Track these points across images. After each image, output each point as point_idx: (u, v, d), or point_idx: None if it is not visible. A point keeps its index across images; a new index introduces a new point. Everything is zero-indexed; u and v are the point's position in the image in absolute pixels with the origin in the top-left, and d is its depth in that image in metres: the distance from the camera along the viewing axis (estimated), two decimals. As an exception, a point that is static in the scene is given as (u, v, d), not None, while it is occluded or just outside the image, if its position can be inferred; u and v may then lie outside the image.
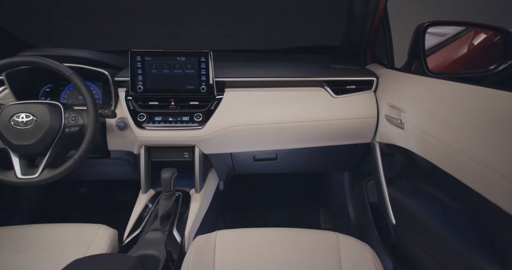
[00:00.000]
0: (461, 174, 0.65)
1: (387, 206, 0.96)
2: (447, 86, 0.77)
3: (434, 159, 0.73)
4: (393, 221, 0.92)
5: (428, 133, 0.76)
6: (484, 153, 0.60)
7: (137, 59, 1.11)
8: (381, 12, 1.06)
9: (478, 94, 0.65)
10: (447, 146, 0.68)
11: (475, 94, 0.66)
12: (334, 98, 1.17)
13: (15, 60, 0.93)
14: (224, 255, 0.87)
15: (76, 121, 0.96)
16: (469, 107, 0.66)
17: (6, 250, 0.88)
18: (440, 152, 0.71)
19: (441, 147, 0.70)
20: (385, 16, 1.08)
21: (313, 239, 0.94)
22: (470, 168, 0.61)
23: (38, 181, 0.92)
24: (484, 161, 0.59)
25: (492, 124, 0.60)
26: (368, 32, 1.17)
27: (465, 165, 0.63)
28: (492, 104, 0.62)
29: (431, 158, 0.74)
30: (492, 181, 0.58)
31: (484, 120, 0.62)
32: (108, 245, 0.91)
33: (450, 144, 0.67)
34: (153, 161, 1.20)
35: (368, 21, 1.11)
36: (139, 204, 1.13)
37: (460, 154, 0.64)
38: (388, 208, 0.95)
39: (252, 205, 1.86)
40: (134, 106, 1.12)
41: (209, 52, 1.12)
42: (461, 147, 0.64)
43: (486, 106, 0.63)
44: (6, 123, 0.91)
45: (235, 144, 1.17)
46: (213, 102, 1.14)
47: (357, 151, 1.25)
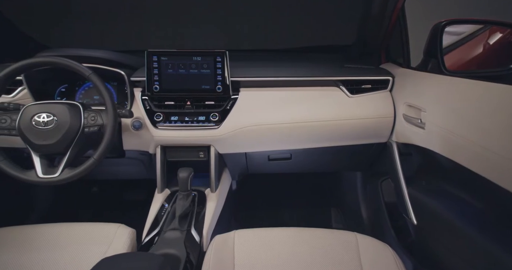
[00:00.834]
0: (492, 174, 0.64)
1: (407, 206, 0.95)
2: (473, 85, 0.76)
3: (461, 159, 0.73)
4: (414, 221, 0.92)
5: (454, 133, 0.76)
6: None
7: (153, 59, 1.12)
8: (399, 11, 1.05)
9: (507, 92, 0.65)
10: (478, 146, 0.67)
11: (504, 93, 0.65)
12: (349, 97, 1.17)
13: (36, 61, 0.94)
14: (243, 255, 0.87)
15: (95, 121, 0.96)
16: (499, 106, 0.65)
17: (28, 248, 0.89)
18: (468, 151, 0.70)
19: (470, 146, 0.70)
20: (402, 15, 1.08)
21: (331, 239, 0.93)
22: (503, 167, 0.61)
23: (58, 180, 0.92)
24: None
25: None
26: (384, 31, 1.17)
27: (497, 165, 0.62)
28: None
29: (457, 158, 0.74)
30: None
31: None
32: (128, 244, 0.92)
33: (481, 143, 0.67)
34: (168, 160, 1.20)
35: (385, 20, 1.10)
36: (155, 203, 1.13)
37: (492, 153, 0.63)
38: (409, 208, 0.95)
39: (262, 205, 1.86)
40: (151, 106, 1.13)
41: (225, 52, 1.12)
42: (493, 146, 0.64)
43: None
44: (28, 123, 0.91)
45: (251, 143, 1.18)
46: (229, 102, 1.14)
47: (372, 151, 1.25)
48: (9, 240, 0.91)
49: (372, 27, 1.19)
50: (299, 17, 1.56)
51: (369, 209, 1.51)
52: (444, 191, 0.85)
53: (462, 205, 0.77)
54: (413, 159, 1.03)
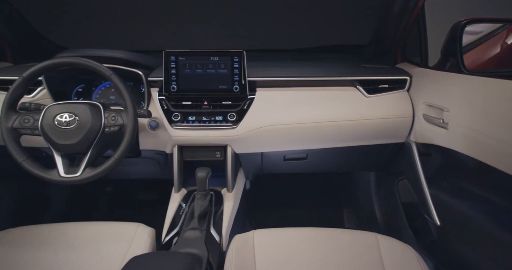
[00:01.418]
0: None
1: (429, 206, 0.95)
2: (500, 84, 0.76)
3: (490, 159, 0.72)
4: (437, 222, 0.91)
5: (482, 133, 0.75)
6: None
7: (171, 59, 1.12)
8: (419, 10, 1.04)
9: None
10: (508, 145, 0.67)
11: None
12: (366, 97, 1.16)
13: (59, 61, 0.95)
14: (263, 254, 0.87)
15: (115, 121, 0.97)
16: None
17: (49, 247, 0.90)
18: (497, 151, 0.70)
19: (499, 146, 0.69)
20: (422, 14, 1.07)
21: (351, 239, 0.93)
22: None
23: (80, 179, 0.93)
24: None
25: None
26: (402, 31, 1.16)
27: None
28: None
29: (485, 158, 0.73)
30: None
31: None
32: (149, 243, 0.92)
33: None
34: (185, 160, 1.20)
35: (404, 19, 1.09)
36: (173, 203, 1.14)
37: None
38: (431, 208, 0.94)
39: (274, 204, 1.86)
40: (168, 106, 1.13)
41: (242, 52, 1.12)
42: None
43: None
44: (50, 123, 0.92)
45: (267, 143, 1.18)
46: (246, 102, 1.14)
47: (388, 151, 1.25)
48: (32, 239, 0.92)
49: (390, 26, 1.18)
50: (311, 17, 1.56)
51: (384, 209, 1.50)
52: (469, 191, 0.84)
53: (489, 206, 0.77)
54: (433, 159, 1.02)
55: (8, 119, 0.92)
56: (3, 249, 0.88)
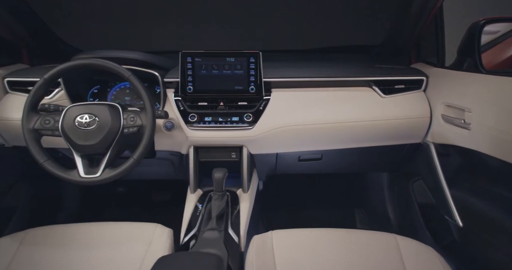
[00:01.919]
0: None
1: (450, 207, 0.94)
2: None
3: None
4: (459, 223, 0.91)
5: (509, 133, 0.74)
6: None
7: (187, 60, 1.13)
8: (437, 9, 1.04)
9: None
10: None
11: None
12: (382, 98, 1.16)
13: (79, 63, 0.95)
14: (283, 255, 0.87)
15: (134, 122, 0.97)
16: None
17: (70, 247, 0.90)
18: None
19: None
20: (440, 14, 1.06)
21: (370, 240, 0.93)
22: None
23: (100, 180, 0.93)
24: None
25: None
26: (418, 31, 1.15)
27: None
28: None
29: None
30: None
31: None
32: (168, 244, 0.92)
33: None
34: (200, 161, 1.21)
35: (422, 19, 1.09)
36: (189, 204, 1.14)
37: None
38: (453, 209, 0.93)
39: (284, 205, 1.86)
40: (184, 107, 1.14)
41: (258, 53, 1.12)
42: None
43: None
44: (71, 124, 0.93)
45: (283, 144, 1.18)
46: (261, 102, 1.14)
47: (404, 151, 1.24)
48: (53, 239, 0.93)
49: (406, 26, 1.18)
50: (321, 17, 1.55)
51: (397, 209, 1.49)
52: (493, 192, 0.83)
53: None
54: (452, 159, 1.01)
55: (29, 121, 0.93)
56: (25, 248, 0.89)
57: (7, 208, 1.23)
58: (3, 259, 0.84)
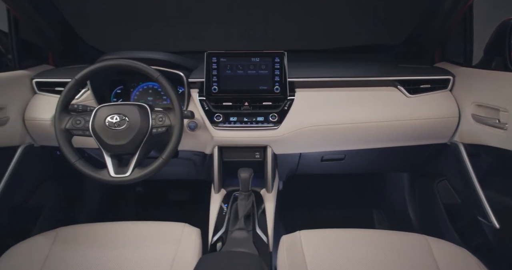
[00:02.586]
0: None
1: (485, 208, 0.93)
2: None
3: None
4: (495, 225, 0.90)
5: None
6: None
7: (212, 60, 1.13)
8: (467, 8, 1.03)
9: None
10: None
11: None
12: (408, 98, 1.15)
13: (109, 63, 0.96)
14: (313, 255, 0.87)
15: (163, 122, 0.98)
16: None
17: (101, 246, 0.91)
18: None
19: None
20: (470, 12, 1.05)
21: (400, 240, 0.92)
22: None
23: (129, 179, 0.94)
24: None
25: None
26: (445, 30, 1.14)
27: None
28: None
29: None
30: None
31: None
32: (197, 243, 0.93)
33: None
34: (224, 161, 1.21)
35: (450, 18, 1.08)
36: (214, 204, 1.14)
37: None
38: (487, 210, 0.92)
39: (301, 205, 1.85)
40: (209, 107, 1.14)
41: (284, 53, 1.12)
42: None
43: None
44: (102, 124, 0.94)
45: (307, 144, 1.17)
46: (286, 102, 1.14)
47: (429, 151, 1.23)
48: (84, 237, 0.94)
49: (433, 25, 1.17)
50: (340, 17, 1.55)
51: (419, 210, 1.48)
52: None
53: None
54: (483, 160, 1.00)
55: (61, 121, 0.94)
56: (57, 246, 0.90)
57: (35, 207, 1.25)
58: (39, 256, 0.85)
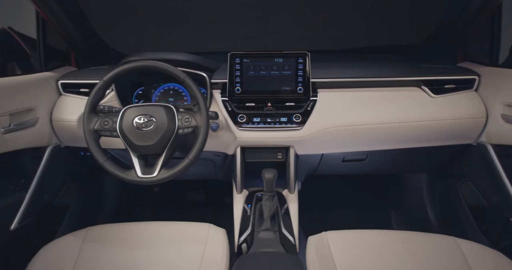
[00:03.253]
0: None
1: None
2: None
3: None
4: None
5: None
6: None
7: (236, 61, 1.13)
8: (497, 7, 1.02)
9: None
10: None
11: None
12: (432, 98, 1.14)
13: (137, 65, 0.97)
14: (342, 256, 0.87)
15: (189, 123, 0.98)
16: None
17: (130, 245, 0.92)
18: None
19: None
20: (499, 12, 1.04)
21: (428, 242, 0.91)
22: None
23: (156, 180, 0.95)
24: None
25: None
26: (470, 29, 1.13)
27: None
28: None
29: None
30: None
31: None
32: (225, 244, 0.93)
33: None
34: (246, 161, 1.21)
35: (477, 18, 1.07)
36: (238, 204, 1.14)
37: None
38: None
39: (317, 206, 1.85)
40: (232, 108, 1.14)
41: (307, 53, 1.12)
42: None
43: None
44: (129, 125, 0.95)
45: (330, 144, 1.17)
46: (309, 103, 1.14)
47: (453, 152, 1.22)
48: (113, 237, 0.95)
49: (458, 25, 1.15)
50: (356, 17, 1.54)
51: (439, 211, 1.46)
52: None
53: None
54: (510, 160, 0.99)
55: (90, 122, 0.95)
56: (88, 245, 0.91)
57: (60, 207, 1.27)
58: (71, 255, 0.86)
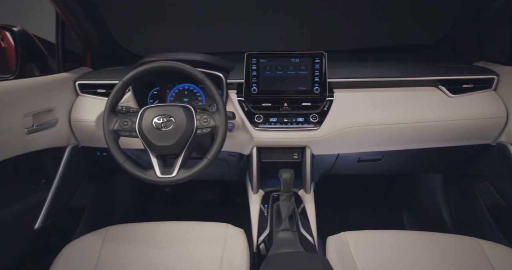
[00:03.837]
0: None
1: None
2: None
3: None
4: None
5: None
6: None
7: (252, 61, 1.14)
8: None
9: None
10: None
11: None
12: (450, 98, 1.13)
13: (156, 65, 0.97)
14: (363, 257, 0.86)
15: (208, 123, 0.98)
16: None
17: (150, 244, 0.92)
18: None
19: None
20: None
21: (450, 243, 0.91)
22: None
23: (175, 180, 0.95)
24: None
25: None
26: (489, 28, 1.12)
27: None
28: None
29: None
30: None
31: None
32: (245, 244, 0.93)
33: None
34: (261, 161, 1.21)
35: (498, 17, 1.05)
36: (254, 204, 1.14)
37: None
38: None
39: (330, 206, 1.84)
40: (248, 108, 1.14)
41: (323, 53, 1.12)
42: None
43: None
44: (149, 125, 0.95)
45: (347, 144, 1.17)
46: (326, 103, 1.13)
47: (471, 152, 1.21)
48: (133, 236, 0.95)
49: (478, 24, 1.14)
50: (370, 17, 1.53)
51: (454, 211, 1.45)
52: None
53: None
54: None
55: (110, 122, 0.96)
56: (108, 245, 0.91)
57: (77, 206, 1.28)
58: (92, 254, 0.87)
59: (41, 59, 1.13)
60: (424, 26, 1.51)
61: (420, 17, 1.48)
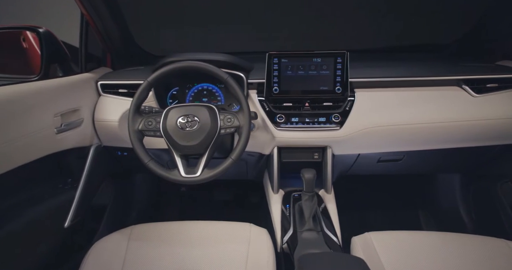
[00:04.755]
0: None
1: None
2: None
3: None
4: None
5: None
6: None
7: (274, 61, 1.13)
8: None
9: None
10: None
11: None
12: (474, 97, 1.12)
13: (180, 65, 0.98)
14: (389, 257, 0.86)
15: (232, 123, 0.99)
16: None
17: (174, 243, 0.93)
18: None
19: None
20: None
21: (477, 245, 0.90)
22: None
23: (199, 179, 0.95)
24: None
25: None
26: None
27: None
28: None
29: None
30: None
31: None
32: (269, 244, 0.93)
33: None
34: (282, 161, 1.21)
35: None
36: (275, 204, 1.14)
37: None
38: None
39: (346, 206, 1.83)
40: (270, 108, 1.14)
41: (346, 53, 1.11)
42: None
43: None
44: (173, 125, 0.96)
45: (368, 145, 1.16)
46: (347, 103, 1.13)
47: (493, 152, 1.19)
48: (158, 235, 0.96)
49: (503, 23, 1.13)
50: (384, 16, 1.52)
51: (473, 212, 1.44)
52: None
53: None
54: None
55: (135, 122, 0.97)
56: (134, 243, 0.92)
57: (99, 205, 1.29)
58: (119, 253, 0.88)
59: (64, 60, 1.15)
60: (446, 25, 1.49)
61: (442, 16, 1.46)
